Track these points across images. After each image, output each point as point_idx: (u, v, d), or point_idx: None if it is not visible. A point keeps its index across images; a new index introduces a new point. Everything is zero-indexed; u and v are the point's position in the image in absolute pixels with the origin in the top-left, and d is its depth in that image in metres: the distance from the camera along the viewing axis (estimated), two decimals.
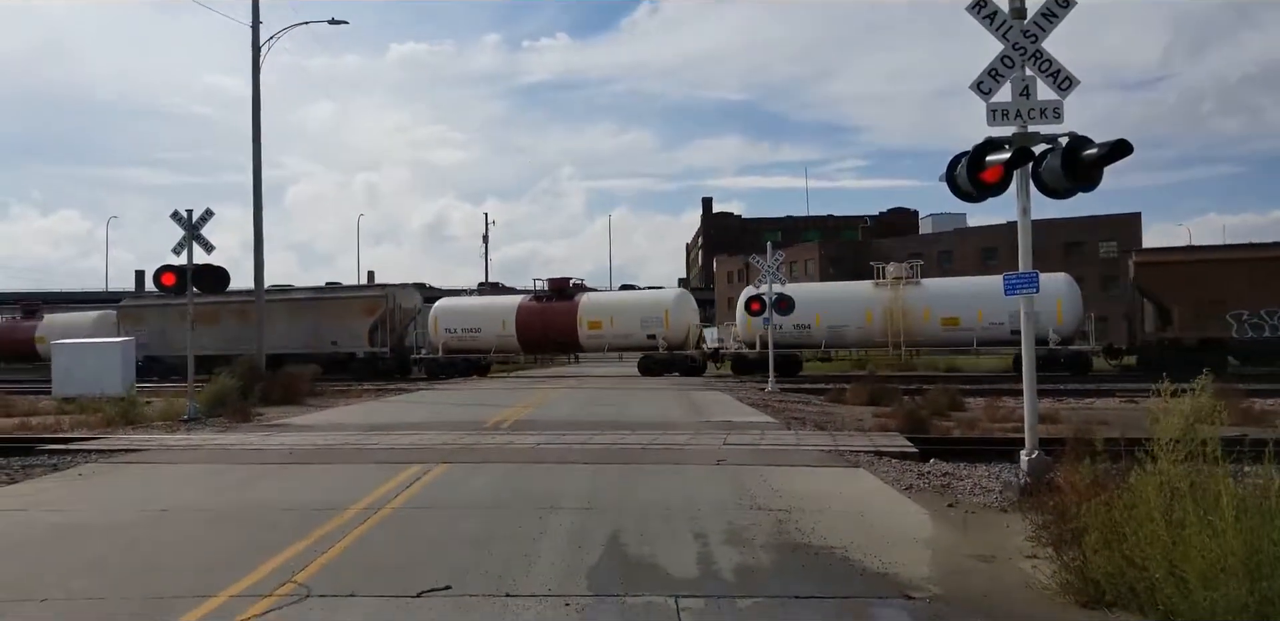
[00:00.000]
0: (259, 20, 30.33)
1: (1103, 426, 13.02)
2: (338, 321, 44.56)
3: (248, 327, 43.91)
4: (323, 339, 44.67)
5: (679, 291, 44.80)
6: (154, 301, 49.40)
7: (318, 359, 44.59)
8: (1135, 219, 71.76)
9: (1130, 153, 9.19)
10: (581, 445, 14.24)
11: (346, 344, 44.39)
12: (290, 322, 44.75)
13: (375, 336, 44.32)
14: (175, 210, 20.71)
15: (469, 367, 44.23)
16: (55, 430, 18.38)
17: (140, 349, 45.16)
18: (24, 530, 8.88)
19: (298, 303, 46.41)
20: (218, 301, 45.58)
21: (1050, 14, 9.82)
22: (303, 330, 44.72)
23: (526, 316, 43.41)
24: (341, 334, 44.38)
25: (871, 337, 39.17)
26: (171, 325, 45.31)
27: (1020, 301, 10.34)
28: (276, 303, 45.29)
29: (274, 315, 44.37)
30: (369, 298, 45.67)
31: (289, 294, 48.47)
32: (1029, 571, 6.81)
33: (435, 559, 7.32)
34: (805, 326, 38.86)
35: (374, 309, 44.55)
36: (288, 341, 44.27)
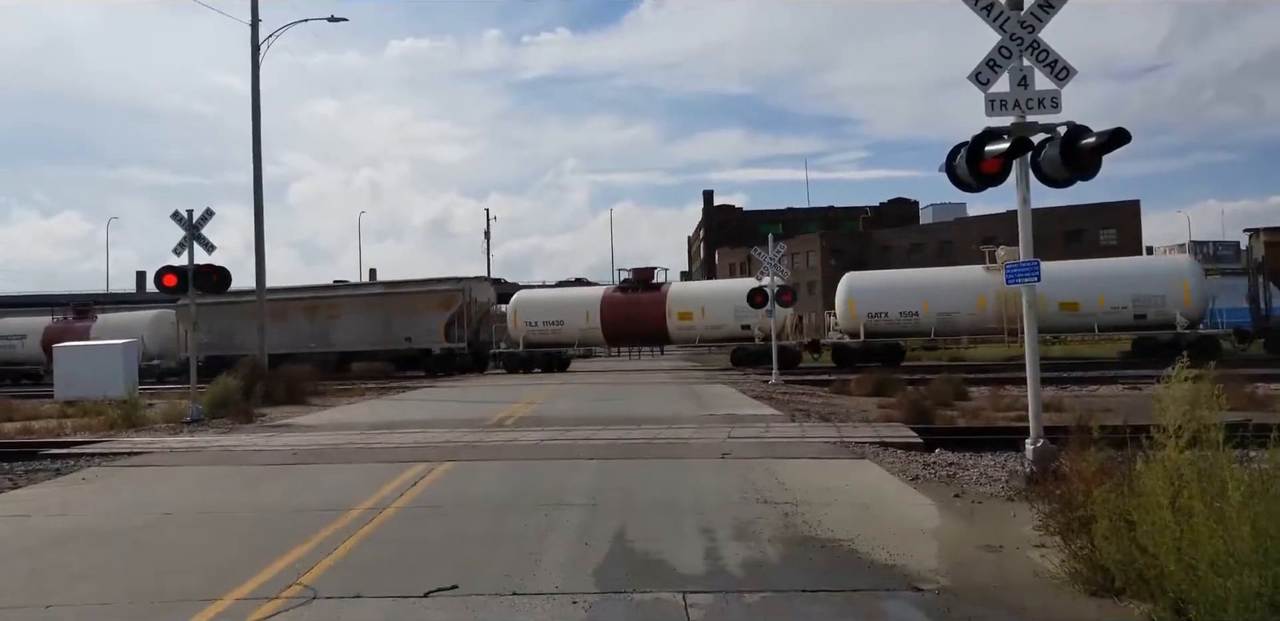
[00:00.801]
0: (258, 18, 30.38)
1: (1107, 413, 12.99)
2: (411, 317, 43.23)
3: (319, 324, 44.54)
4: (395, 335, 43.46)
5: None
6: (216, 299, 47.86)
7: (390, 356, 44.32)
8: (1134, 206, 71.77)
9: (1128, 141, 9.16)
10: (586, 441, 14.23)
11: (421, 339, 43.05)
12: (361, 319, 43.94)
13: (451, 331, 42.93)
14: (175, 210, 20.71)
15: (550, 361, 42.82)
16: (58, 434, 18.37)
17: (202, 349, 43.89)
18: (28, 535, 8.87)
19: (368, 298, 45.28)
20: (285, 297, 45.50)
21: (1047, 5, 9.78)
22: (374, 326, 43.67)
23: (611, 308, 41.95)
24: (415, 329, 42.96)
25: (984, 324, 37.81)
26: (236, 323, 44.12)
27: (1023, 291, 10.34)
28: (346, 299, 45.38)
29: (344, 312, 44.32)
30: (445, 292, 44.13)
31: (359, 289, 47.02)
32: (1037, 561, 6.80)
33: (441, 558, 7.31)
34: (912, 314, 37.64)
35: (450, 303, 43.28)
36: (358, 338, 43.71)
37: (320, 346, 43.58)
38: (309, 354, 43.62)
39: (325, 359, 44.00)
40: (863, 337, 37.72)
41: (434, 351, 42.75)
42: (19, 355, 51.49)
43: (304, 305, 44.59)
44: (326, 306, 45.33)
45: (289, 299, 45.05)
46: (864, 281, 40.15)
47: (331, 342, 44.22)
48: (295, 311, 44.04)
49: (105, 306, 57.26)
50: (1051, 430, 10.22)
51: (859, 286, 39.42)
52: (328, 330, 44.58)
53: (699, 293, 42.65)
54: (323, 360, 44.14)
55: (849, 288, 39.12)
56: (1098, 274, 36.47)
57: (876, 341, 37.66)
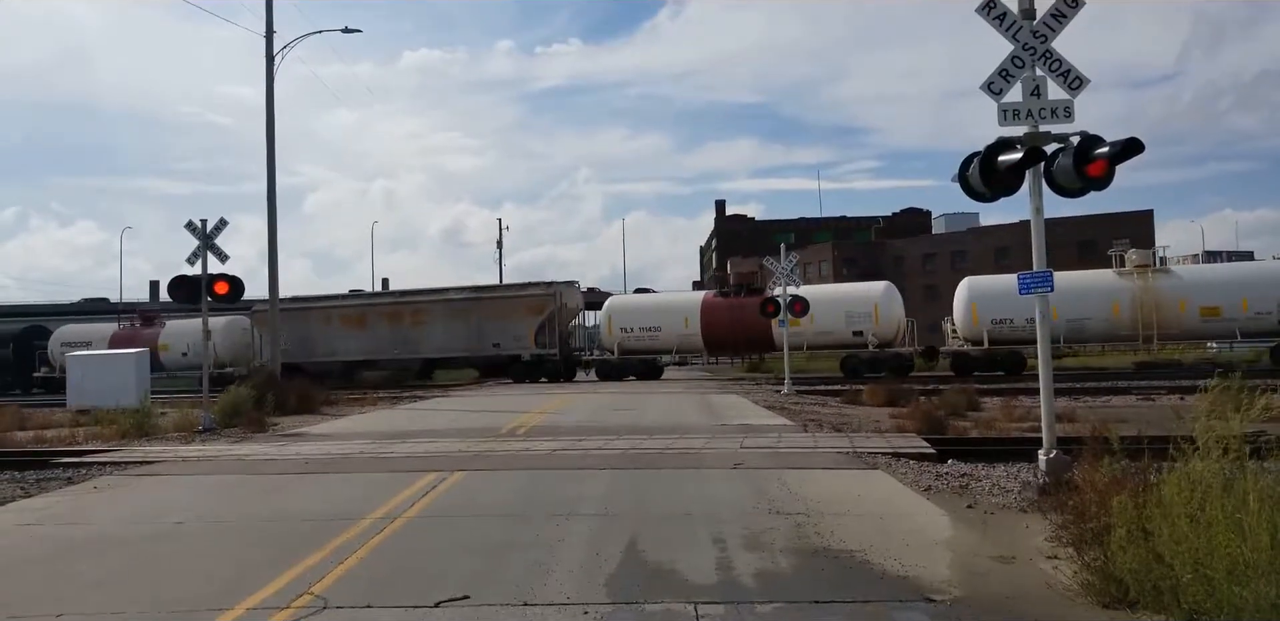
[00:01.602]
0: (273, 30, 30.56)
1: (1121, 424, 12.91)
2: (500, 322, 42.22)
3: (403, 330, 43.59)
4: (483, 341, 42.48)
5: (886, 284, 40.85)
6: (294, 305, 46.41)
7: (476, 362, 43.68)
8: (1148, 216, 71.61)
9: (1141, 151, 9.16)
10: (598, 450, 14.21)
11: (510, 346, 42.04)
12: (447, 325, 43.01)
13: (542, 337, 41.72)
14: (189, 220, 20.75)
15: (646, 369, 41.73)
16: (70, 443, 18.41)
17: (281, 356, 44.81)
18: (39, 544, 8.88)
19: (456, 303, 43.96)
20: (367, 302, 45.68)
21: (1059, 14, 9.80)
22: (460, 332, 42.73)
23: (712, 313, 40.51)
24: (504, 335, 41.95)
25: (1117, 331, 36.42)
26: (316, 329, 44.10)
27: (1036, 301, 10.32)
28: (432, 304, 44.22)
29: (429, 317, 43.34)
30: (535, 296, 42.74)
31: (446, 294, 45.81)
32: (1050, 572, 6.76)
33: (453, 568, 7.30)
34: None
35: (541, 308, 41.99)
36: (444, 345, 42.91)
37: (404, 353, 43.20)
38: (392, 361, 43.54)
39: (408, 366, 44.05)
40: (986, 345, 36.43)
41: (524, 357, 41.79)
42: None
43: (386, 310, 43.96)
44: (411, 312, 44.29)
45: (370, 304, 44.69)
46: (987, 286, 38.07)
47: (416, 349, 43.50)
48: (376, 317, 43.61)
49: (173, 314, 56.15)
50: (1065, 441, 10.19)
51: (982, 291, 37.69)
52: (412, 336, 43.61)
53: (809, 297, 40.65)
54: (405, 367, 44.31)
55: (970, 293, 37.72)
56: (1242, 277, 35.50)
57: (1000, 349, 36.47)
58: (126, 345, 48.72)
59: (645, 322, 41.40)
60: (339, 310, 45.47)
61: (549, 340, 41.72)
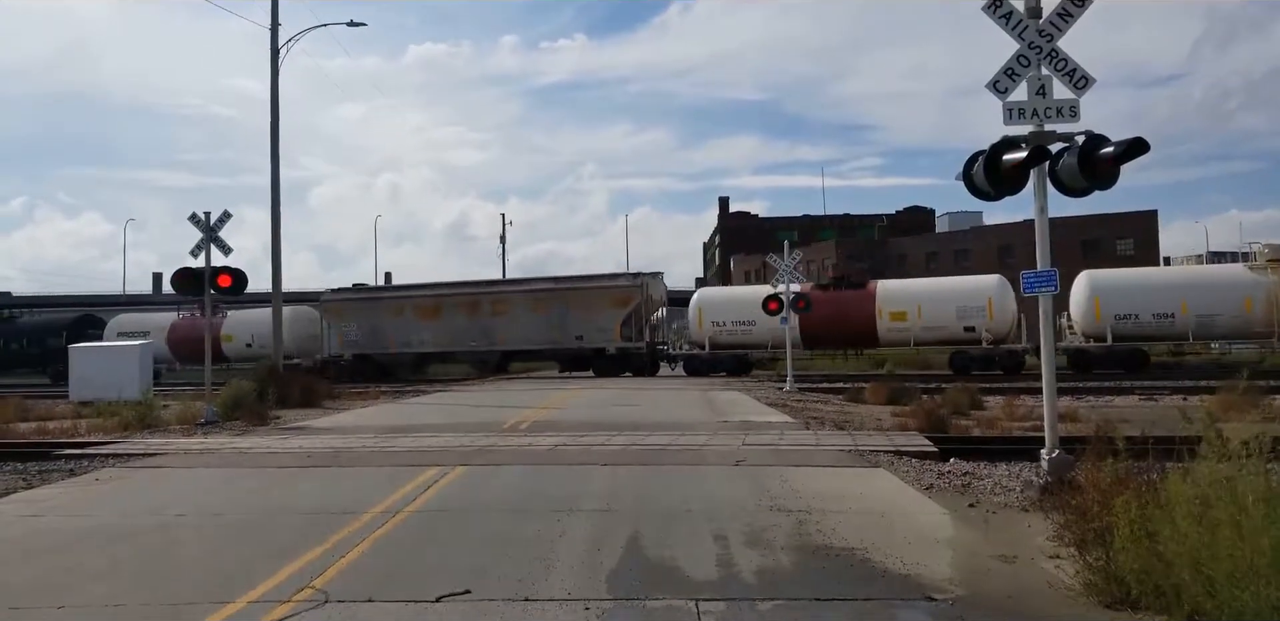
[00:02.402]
0: (278, 23, 30.54)
1: (1123, 424, 12.92)
2: (584, 314, 40.86)
3: (480, 321, 42.32)
4: (565, 333, 41.15)
5: (999, 277, 38.98)
6: (362, 294, 46.29)
7: (558, 355, 42.46)
8: (1152, 216, 71.58)
9: (1147, 150, 9.14)
10: (600, 446, 14.20)
11: (594, 338, 40.71)
12: (527, 317, 41.76)
13: (627, 330, 40.53)
14: (193, 212, 20.81)
15: (737, 364, 40.00)
16: (72, 435, 18.43)
17: (348, 346, 44.10)
18: (41, 536, 8.89)
19: (537, 294, 42.77)
20: (439, 293, 44.18)
21: (1066, 13, 9.77)
22: (541, 324, 41.37)
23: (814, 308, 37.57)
24: (588, 328, 40.54)
25: (1249, 328, 35.11)
26: (387, 320, 43.30)
27: (1040, 300, 10.30)
28: (512, 294, 43.25)
29: (509, 308, 42.20)
30: (621, 288, 41.46)
31: (527, 285, 44.81)
32: (1052, 571, 6.76)
33: (454, 563, 7.30)
34: (1167, 316, 34.77)
35: (627, 300, 40.69)
36: (524, 336, 41.63)
37: (481, 345, 42.18)
38: (468, 353, 42.61)
39: (485, 358, 42.96)
40: (1109, 341, 35.16)
41: (608, 351, 40.54)
42: None
43: (463, 301, 42.82)
44: (489, 302, 43.10)
45: (446, 294, 43.59)
46: (1110, 280, 36.81)
47: (494, 341, 42.31)
48: (453, 308, 42.55)
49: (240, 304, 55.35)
50: (1067, 440, 10.18)
51: (1105, 285, 36.30)
52: (490, 328, 42.46)
53: (915, 291, 39.17)
54: (482, 359, 43.17)
55: (1092, 286, 36.14)
56: None
57: (1121, 346, 35.32)
58: (187, 334, 47.81)
59: (738, 316, 39.32)
60: (413, 300, 44.58)
61: (634, 333, 40.71)
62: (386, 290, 47.22)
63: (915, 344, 38.72)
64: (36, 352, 50.50)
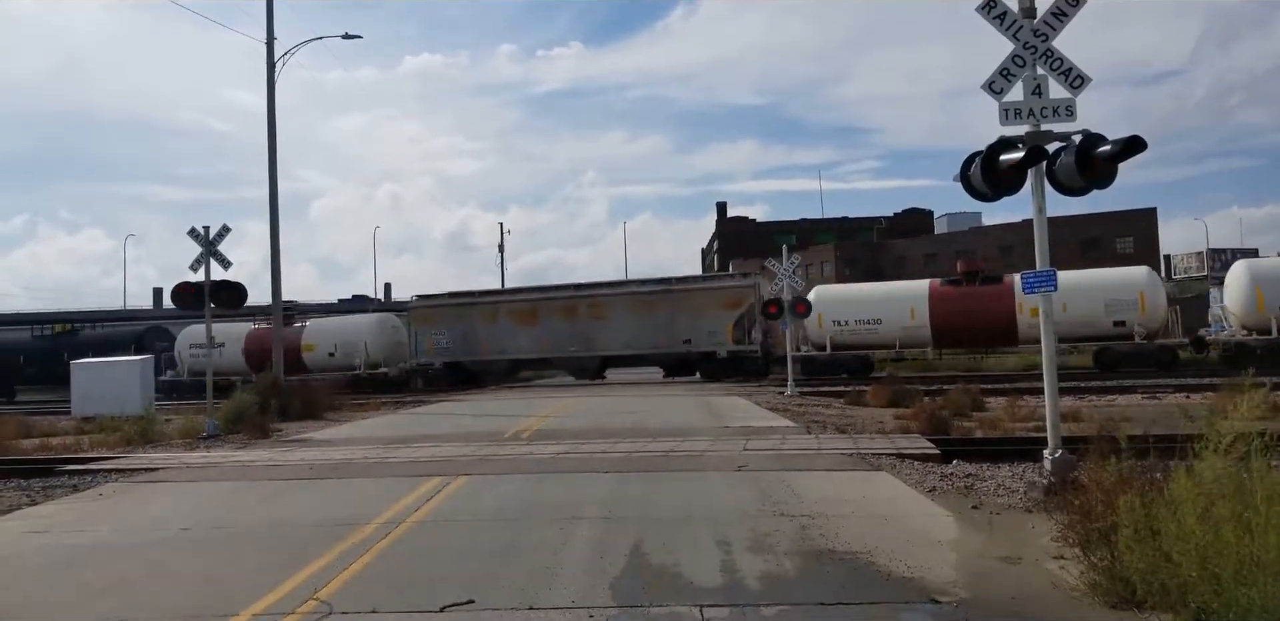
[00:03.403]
0: (273, 36, 30.53)
1: (1126, 423, 12.90)
2: (692, 316, 38.95)
3: (580, 325, 40.75)
4: (672, 336, 39.34)
5: (1147, 269, 37.13)
6: (454, 300, 44.44)
7: (662, 360, 40.86)
8: (1151, 214, 71.63)
9: (1143, 149, 9.14)
10: (602, 454, 14.19)
11: (703, 342, 38.82)
12: (630, 319, 39.96)
13: (740, 333, 38.45)
14: (192, 227, 20.85)
15: (859, 366, 37.80)
16: (75, 450, 18.40)
17: (439, 354, 42.77)
18: (45, 551, 8.88)
19: (641, 297, 40.71)
20: (536, 297, 42.55)
21: (1060, 13, 9.78)
22: (645, 327, 39.58)
23: (943, 303, 36.55)
24: (696, 331, 38.59)
25: None
26: (480, 326, 41.77)
27: (1040, 300, 10.31)
28: (614, 297, 41.44)
29: (610, 311, 40.64)
30: (734, 288, 39.52)
31: (629, 287, 42.80)
32: (1056, 572, 6.75)
33: (457, 573, 7.29)
34: None
35: (739, 301, 38.55)
36: (626, 340, 40.02)
37: (580, 350, 40.62)
38: (566, 359, 41.33)
39: (584, 364, 41.45)
40: (1275, 334, 32.54)
41: (719, 354, 38.76)
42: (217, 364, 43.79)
43: (561, 305, 41.25)
44: (588, 306, 41.31)
45: (543, 298, 42.15)
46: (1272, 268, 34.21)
47: (593, 346, 40.69)
48: (550, 312, 41.00)
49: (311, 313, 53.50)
50: (1070, 440, 10.16)
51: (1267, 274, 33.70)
52: (589, 332, 40.81)
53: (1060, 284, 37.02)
54: (580, 366, 41.66)
55: (1253, 276, 33.58)
56: None
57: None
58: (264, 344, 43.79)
59: (862, 315, 37.39)
60: (507, 305, 43.24)
61: (749, 336, 38.61)
62: (480, 295, 44.89)
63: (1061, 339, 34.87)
64: None
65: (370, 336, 43.85)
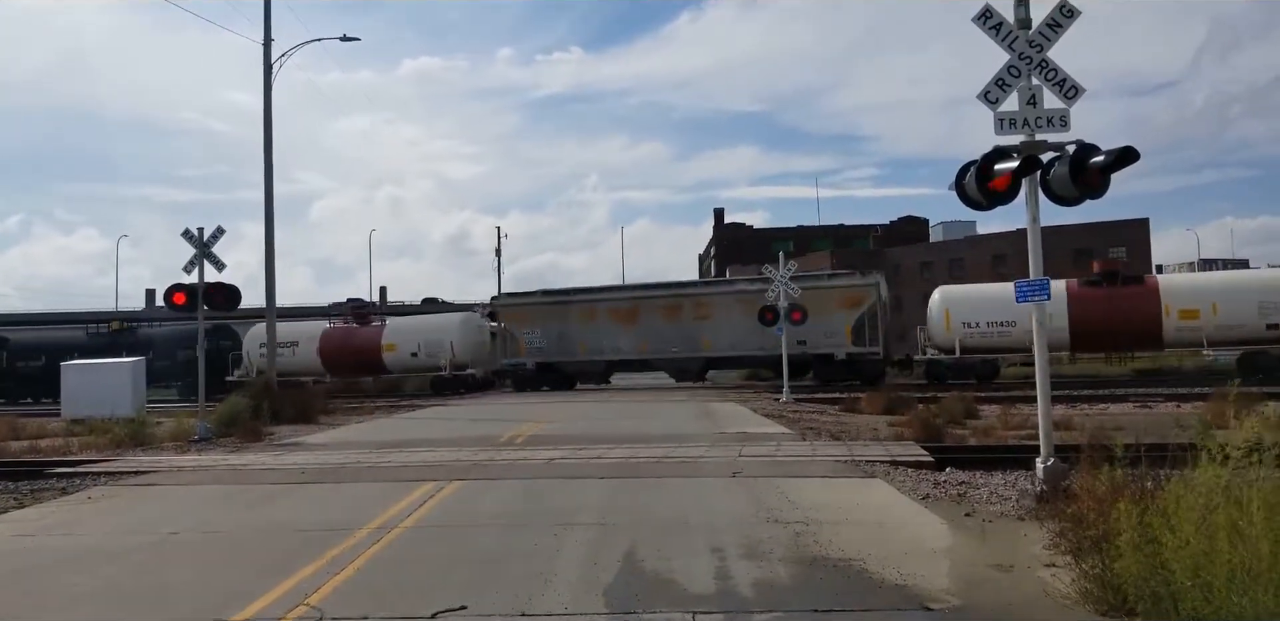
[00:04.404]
0: (271, 38, 30.51)
1: (1118, 432, 12.91)
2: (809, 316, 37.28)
3: (684, 325, 39.21)
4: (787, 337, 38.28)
5: None
6: (549, 298, 42.89)
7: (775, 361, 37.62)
8: (1144, 224, 71.73)
9: (1136, 159, 9.17)
10: (596, 459, 14.18)
11: (819, 343, 36.75)
12: (739, 319, 37.60)
13: (860, 334, 36.96)
14: (186, 228, 20.79)
15: (986, 370, 36.01)
16: (65, 453, 18.34)
17: (531, 354, 41.28)
18: (33, 555, 8.84)
19: (749, 295, 37.86)
20: (637, 295, 41.14)
21: (1055, 24, 9.82)
22: (755, 328, 36.31)
23: (1080, 305, 34.65)
24: (812, 331, 35.25)
25: None
26: (576, 325, 40.23)
27: (1033, 309, 10.33)
28: (721, 296, 39.55)
29: (715, 311, 38.93)
30: (853, 287, 37.69)
31: (738, 285, 40.96)
32: (1048, 580, 6.74)
33: (450, 578, 7.27)
34: None
35: (859, 300, 37.16)
36: (733, 341, 38.18)
37: (683, 352, 38.94)
38: (667, 360, 39.82)
39: (686, 366, 39.95)
40: None
41: (836, 357, 37.17)
42: (289, 365, 43.81)
43: (664, 303, 39.53)
44: (694, 305, 39.70)
45: (644, 297, 40.56)
46: None
47: (697, 347, 38.91)
48: (651, 311, 39.18)
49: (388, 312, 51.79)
50: (1062, 448, 10.18)
51: None
52: (694, 333, 39.12)
53: (1207, 286, 34.95)
54: (682, 367, 40.17)
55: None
56: None
57: None
58: (342, 344, 44.42)
59: (994, 316, 35.14)
60: (606, 303, 41.55)
61: (869, 337, 37.04)
62: (576, 292, 43.25)
63: (1210, 343, 34.72)
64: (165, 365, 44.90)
65: (456, 336, 42.39)
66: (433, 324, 44.75)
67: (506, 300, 44.24)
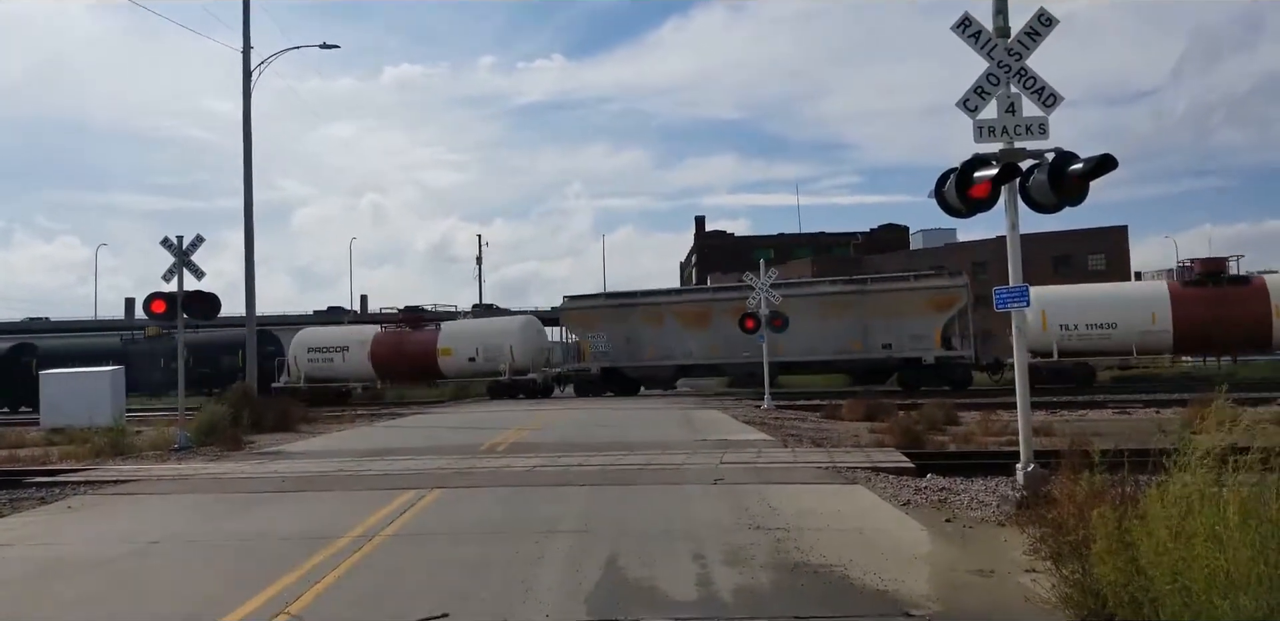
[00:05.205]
0: (250, 45, 30.44)
1: (1097, 437, 12.99)
2: (892, 319, 36.12)
3: None
4: (868, 341, 36.69)
5: None
6: (614, 301, 41.97)
7: (853, 366, 38.09)
8: (1122, 232, 72.18)
9: (1115, 167, 9.23)
10: (578, 467, 14.17)
11: (905, 347, 35.99)
12: (818, 322, 36.54)
13: (950, 337, 35.76)
14: (165, 237, 20.67)
15: (1084, 375, 34.81)
16: (44, 462, 18.24)
17: (596, 358, 40.22)
18: (11, 565, 8.77)
19: (831, 297, 37.78)
20: (708, 298, 39.80)
21: (1033, 33, 9.89)
22: (834, 331, 36.72)
23: (1186, 306, 33.60)
24: (898, 334, 35.49)
25: None
26: (643, 329, 38.89)
27: (1013, 316, 10.38)
28: (797, 298, 36.96)
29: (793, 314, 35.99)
30: (943, 288, 36.26)
31: (817, 287, 39.41)
32: (1029, 585, 6.77)
33: (431, 587, 7.25)
34: None
35: (948, 302, 35.80)
36: (811, 345, 36.72)
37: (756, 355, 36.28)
38: (739, 365, 37.80)
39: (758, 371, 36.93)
40: None
41: (924, 361, 35.87)
42: (339, 370, 43.92)
43: (735, 306, 36.89)
44: None
45: (715, 299, 38.81)
46: None
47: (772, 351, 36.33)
48: (723, 314, 36.83)
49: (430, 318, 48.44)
50: (1042, 454, 10.22)
51: None
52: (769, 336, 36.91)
53: None
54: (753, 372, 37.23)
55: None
56: None
57: None
58: (395, 349, 42.96)
59: (1093, 318, 34.40)
60: (675, 306, 40.37)
61: (960, 340, 35.87)
62: (643, 295, 41.85)
63: None
64: (208, 372, 44.43)
65: (516, 340, 41.36)
66: (492, 328, 43.83)
67: (571, 303, 43.00)
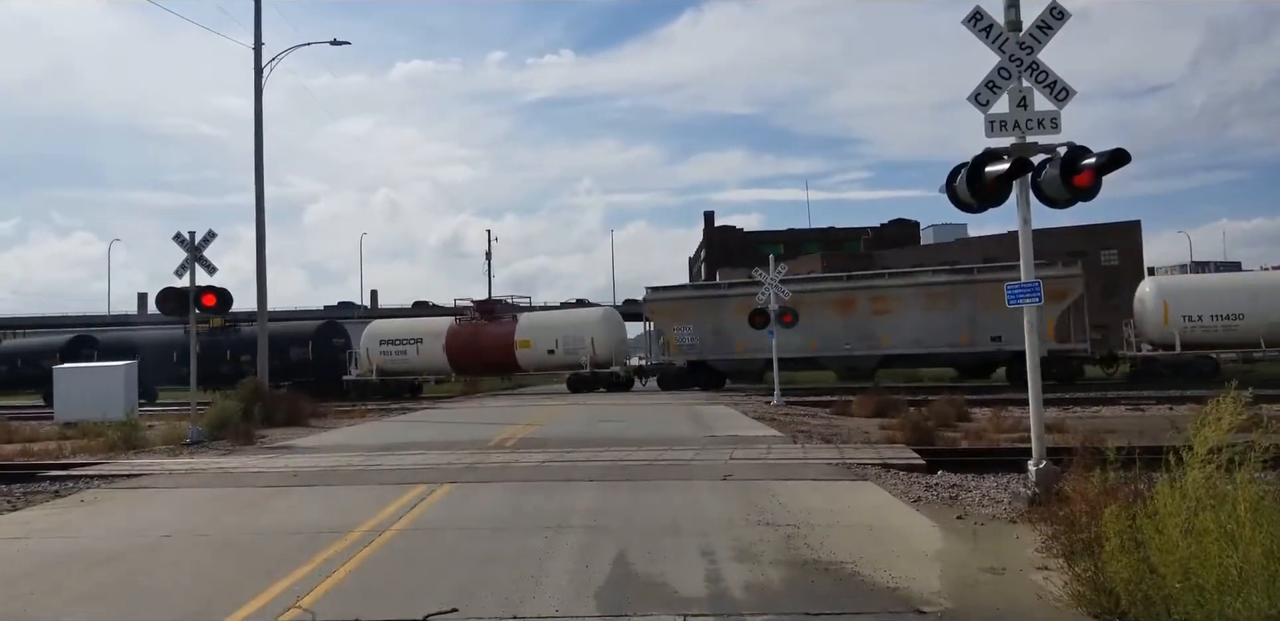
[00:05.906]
0: (261, 42, 30.50)
1: (1110, 435, 12.95)
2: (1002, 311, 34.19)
3: (855, 321, 36.72)
4: (976, 333, 35.14)
5: None
6: (699, 292, 41.05)
7: (959, 359, 36.94)
8: (1135, 227, 71.86)
9: (1128, 161, 9.19)
10: (586, 462, 14.17)
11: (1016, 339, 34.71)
12: (922, 314, 35.73)
13: (1065, 329, 34.41)
14: (178, 232, 20.78)
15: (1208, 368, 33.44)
16: (57, 456, 18.31)
17: (683, 351, 39.24)
18: (25, 558, 8.80)
19: (934, 288, 36.38)
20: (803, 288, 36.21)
21: (1046, 26, 9.83)
22: (941, 323, 35.40)
23: None
24: (1008, 326, 32.43)
25: None
26: (732, 321, 36.05)
27: (1025, 312, 10.35)
28: (899, 288, 36.96)
29: (895, 305, 36.52)
30: (1056, 278, 33.28)
31: (921, 277, 38.03)
32: (1040, 583, 6.75)
33: (441, 581, 7.26)
34: None
35: (1063, 293, 33.78)
36: (916, 338, 35.86)
37: (858, 349, 36.36)
38: (838, 358, 37.29)
39: (858, 364, 37.41)
40: None
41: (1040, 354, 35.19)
42: (413, 363, 43.51)
43: (833, 297, 36.83)
44: (869, 298, 37.16)
45: (812, 290, 37.01)
46: None
47: (875, 344, 36.49)
48: (819, 306, 35.76)
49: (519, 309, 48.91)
50: (1054, 451, 10.18)
51: None
52: (870, 328, 36.75)
53: None
54: (853, 366, 37.65)
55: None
56: None
57: None
58: (469, 342, 42.38)
59: (1219, 309, 32.83)
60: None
61: (1077, 333, 34.57)
62: (731, 286, 40.10)
63: None
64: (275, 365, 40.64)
65: (597, 332, 40.63)
66: (573, 319, 43.28)
67: (655, 295, 41.83)
